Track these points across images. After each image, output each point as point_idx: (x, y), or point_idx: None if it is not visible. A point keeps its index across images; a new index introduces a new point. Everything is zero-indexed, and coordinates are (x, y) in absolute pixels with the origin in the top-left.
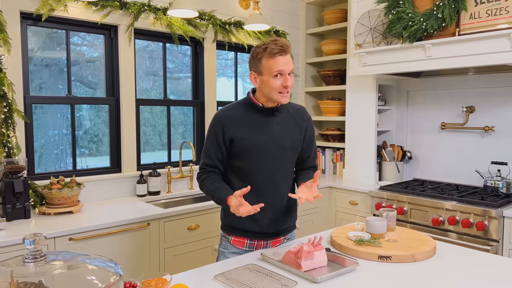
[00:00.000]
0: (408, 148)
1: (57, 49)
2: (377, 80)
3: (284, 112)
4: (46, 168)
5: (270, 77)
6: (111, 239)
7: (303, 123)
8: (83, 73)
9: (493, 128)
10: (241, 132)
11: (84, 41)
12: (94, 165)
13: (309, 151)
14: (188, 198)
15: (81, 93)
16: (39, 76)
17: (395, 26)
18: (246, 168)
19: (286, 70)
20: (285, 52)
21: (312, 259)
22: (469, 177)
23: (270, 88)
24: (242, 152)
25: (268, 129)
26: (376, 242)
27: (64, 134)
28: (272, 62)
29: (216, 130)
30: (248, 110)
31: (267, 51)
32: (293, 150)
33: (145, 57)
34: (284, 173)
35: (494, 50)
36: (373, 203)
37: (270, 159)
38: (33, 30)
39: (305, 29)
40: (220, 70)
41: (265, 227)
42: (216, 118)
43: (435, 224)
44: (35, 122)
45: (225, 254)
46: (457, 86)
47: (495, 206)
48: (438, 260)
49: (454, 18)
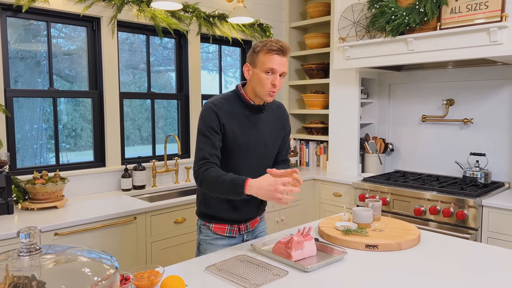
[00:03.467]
0: (390, 140)
1: (32, 41)
2: (360, 73)
3: (270, 109)
4: (23, 163)
5: (262, 72)
6: (97, 233)
7: (284, 120)
8: (60, 66)
9: (472, 120)
10: (233, 127)
11: (60, 33)
12: (73, 160)
13: (284, 146)
14: (174, 192)
15: (58, 86)
16: (14, 69)
17: (378, 20)
18: (232, 163)
19: (278, 69)
20: (283, 53)
21: (302, 249)
22: (449, 168)
23: (259, 83)
24: (231, 147)
25: (257, 126)
26: (363, 232)
27: (44, 128)
28: (268, 58)
29: (211, 118)
30: (238, 104)
31: (267, 46)
32: (275, 147)
33: (125, 49)
34: (265, 168)
35: (473, 44)
36: (357, 194)
37: (257, 156)
38: (9, 22)
39: (289, 22)
40: (201, 64)
41: (245, 214)
42: (209, 107)
43: (417, 214)
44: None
45: (208, 241)
46: (437, 79)
47: (474, 195)
48: (423, 248)
49: (435, 12)
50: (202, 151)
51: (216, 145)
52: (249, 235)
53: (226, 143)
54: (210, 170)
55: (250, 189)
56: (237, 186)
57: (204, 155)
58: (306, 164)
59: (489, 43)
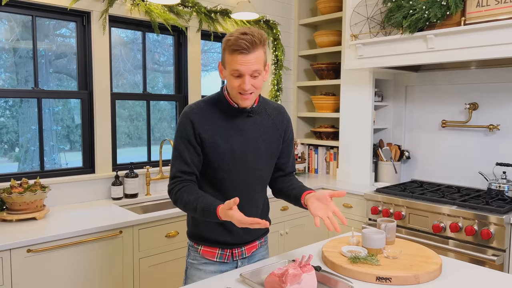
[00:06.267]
0: (406, 147)
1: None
2: (373, 74)
3: (262, 112)
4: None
5: (229, 75)
6: (77, 249)
7: (282, 125)
8: (70, 66)
9: (498, 127)
10: (214, 136)
11: (66, 31)
12: (72, 161)
13: (288, 156)
14: (169, 201)
15: (66, 86)
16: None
17: (394, 15)
18: (218, 176)
19: (245, 70)
20: (249, 51)
21: (300, 283)
22: (471, 179)
23: (229, 86)
24: (213, 158)
25: (243, 133)
26: (374, 260)
27: (34, 130)
28: (231, 59)
29: (186, 128)
30: (219, 108)
31: (228, 44)
32: (271, 156)
33: (134, 49)
34: (260, 181)
35: (502, 42)
36: (369, 206)
37: (245, 166)
38: (9, 18)
39: (298, 19)
40: (212, 64)
41: (240, 237)
42: (185, 115)
43: (436, 231)
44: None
45: (195, 265)
46: (459, 80)
47: (501, 212)
48: (445, 281)
49: (459, 5)
50: (174, 168)
51: (189, 161)
52: (245, 262)
53: (207, 155)
54: (183, 190)
55: (223, 216)
56: (210, 214)
57: (176, 173)
58: (315, 171)
59: None
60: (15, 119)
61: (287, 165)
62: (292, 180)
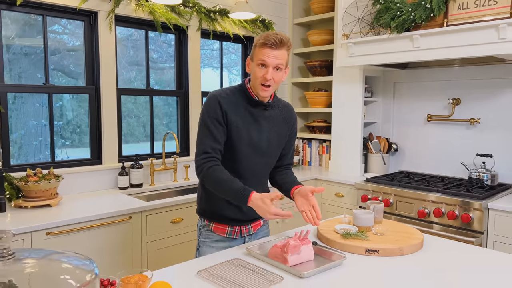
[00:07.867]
0: (394, 140)
1: (37, 37)
2: (364, 71)
3: (275, 107)
4: (26, 159)
5: (256, 65)
6: (91, 233)
7: (291, 121)
8: (64, 63)
9: (478, 120)
10: (237, 121)
11: (65, 30)
12: (76, 156)
13: (289, 148)
14: (172, 190)
15: (62, 83)
16: (18, 65)
17: (383, 16)
18: (234, 158)
19: (270, 62)
20: (276, 47)
21: (299, 254)
22: (454, 169)
23: (253, 76)
24: (234, 139)
25: (260, 122)
26: (363, 236)
27: (44, 124)
28: (260, 51)
29: (215, 108)
30: (242, 98)
31: (262, 39)
32: (279, 146)
33: (129, 46)
34: (268, 166)
35: (481, 42)
36: (359, 195)
37: (260, 152)
38: (12, 17)
39: (292, 18)
40: (205, 61)
41: (250, 214)
42: (214, 95)
43: (421, 216)
44: (15, 112)
45: (207, 243)
46: (443, 78)
47: (480, 198)
48: (425, 253)
49: (442, 8)
50: (204, 144)
51: (218, 138)
52: (251, 238)
53: (229, 135)
54: (215, 168)
55: (252, 203)
56: (241, 198)
57: (206, 149)
58: (308, 163)
59: (498, 40)
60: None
61: (286, 156)
62: (288, 173)
